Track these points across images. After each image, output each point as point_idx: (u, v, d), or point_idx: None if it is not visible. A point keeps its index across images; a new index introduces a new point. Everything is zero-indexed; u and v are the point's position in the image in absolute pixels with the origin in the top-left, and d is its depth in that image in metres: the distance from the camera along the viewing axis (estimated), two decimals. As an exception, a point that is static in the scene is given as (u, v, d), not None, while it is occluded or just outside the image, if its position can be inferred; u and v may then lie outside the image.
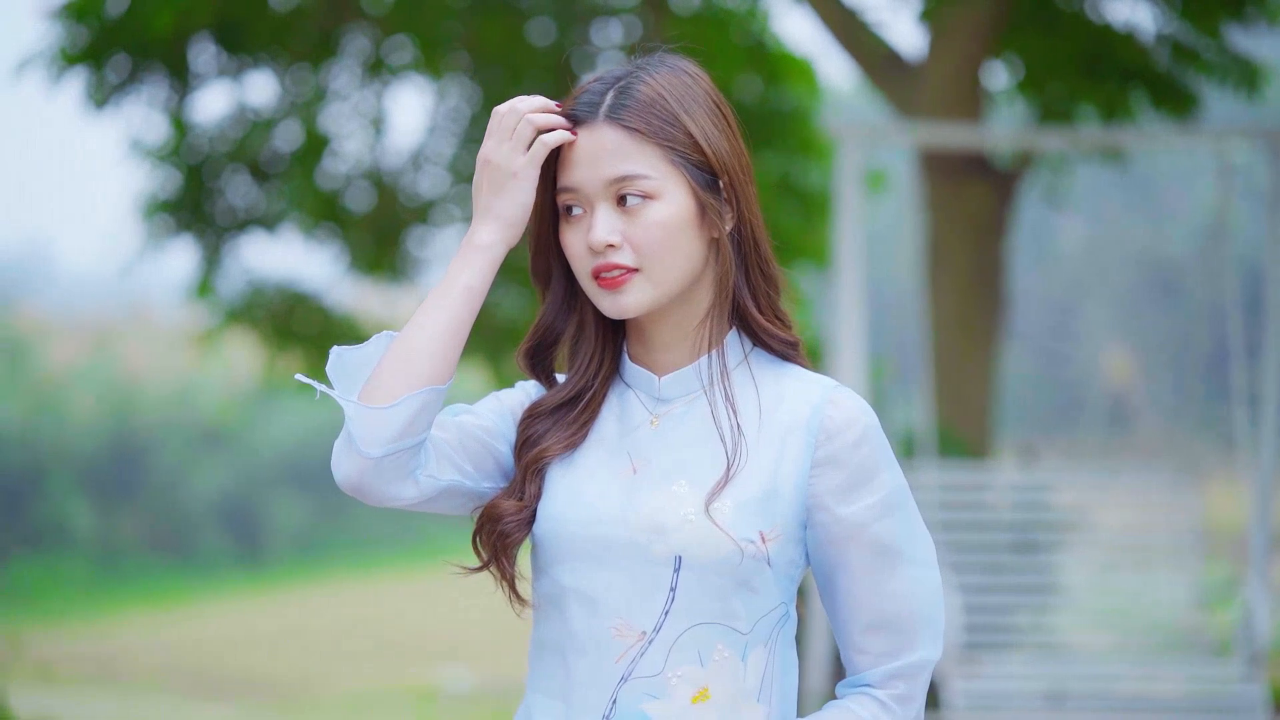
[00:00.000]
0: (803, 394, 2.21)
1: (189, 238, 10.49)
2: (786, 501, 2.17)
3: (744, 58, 9.92)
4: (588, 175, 2.19)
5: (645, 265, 2.18)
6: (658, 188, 2.18)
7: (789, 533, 2.18)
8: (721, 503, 2.16)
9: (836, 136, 7.00)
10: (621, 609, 2.18)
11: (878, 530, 2.18)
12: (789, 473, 2.18)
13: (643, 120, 2.18)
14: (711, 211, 2.19)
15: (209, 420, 24.59)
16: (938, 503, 6.90)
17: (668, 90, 2.21)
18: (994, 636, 6.86)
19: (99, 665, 16.90)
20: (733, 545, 2.14)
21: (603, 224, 2.18)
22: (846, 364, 6.80)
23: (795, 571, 2.20)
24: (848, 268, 6.86)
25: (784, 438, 2.19)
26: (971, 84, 7.85)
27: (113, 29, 9.39)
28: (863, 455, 2.18)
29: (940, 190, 8.00)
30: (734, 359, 2.24)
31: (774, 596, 2.18)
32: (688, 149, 2.18)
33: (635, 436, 2.24)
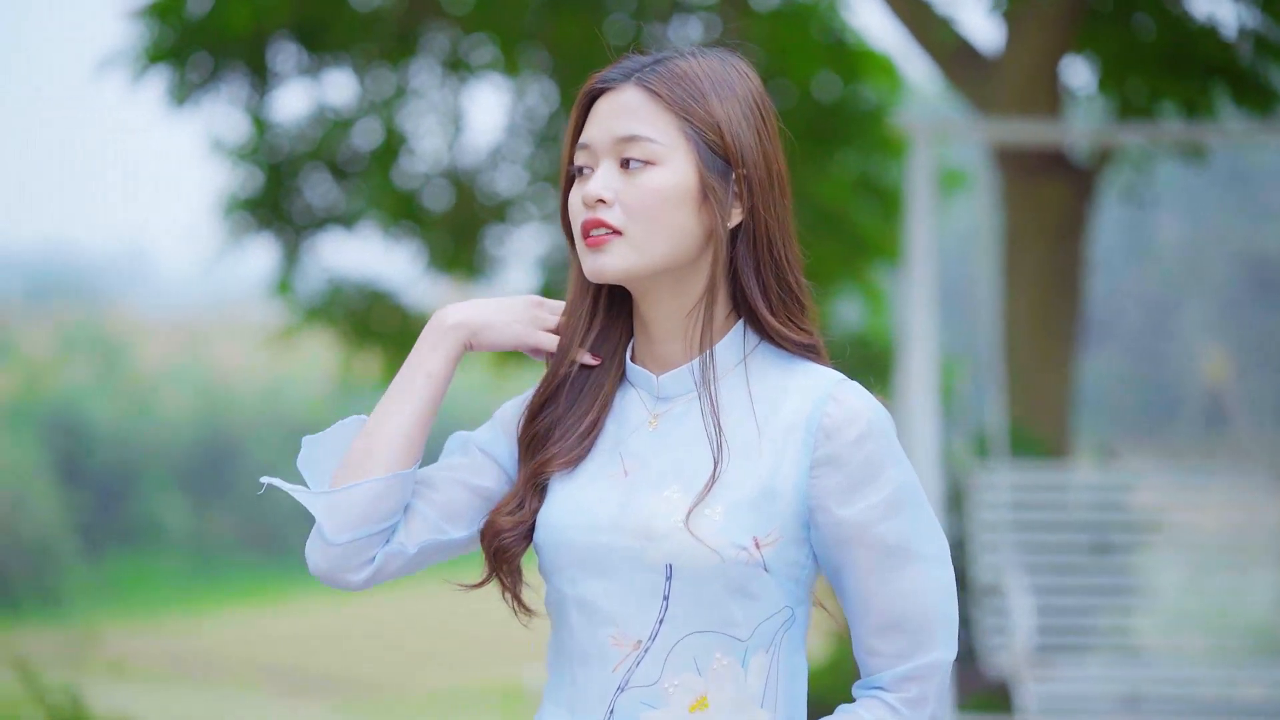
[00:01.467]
0: (806, 391, 2.14)
1: (269, 236, 10.57)
2: (786, 503, 2.11)
3: (824, 55, 9.86)
4: (600, 131, 2.16)
5: (629, 229, 2.13)
6: (662, 154, 2.13)
7: (790, 535, 2.12)
8: (711, 509, 2.10)
9: (909, 134, 6.96)
10: (618, 617, 2.14)
11: (881, 530, 2.11)
12: (788, 473, 2.11)
13: (666, 87, 2.14)
14: (713, 196, 2.13)
15: (299, 417, 24.77)
16: (1010, 503, 6.83)
17: (706, 72, 2.17)
18: (1069, 639, 6.76)
19: (186, 662, 17.05)
20: (716, 557, 2.08)
21: (600, 179, 2.14)
22: (917, 362, 6.76)
23: (801, 574, 2.14)
24: (919, 266, 6.82)
25: (785, 436, 2.12)
26: (1049, 80, 7.76)
27: (194, 28, 9.47)
28: (865, 454, 2.11)
29: (1017, 188, 7.91)
30: (733, 356, 2.18)
31: (776, 601, 2.12)
32: (705, 127, 2.13)
33: (633, 438, 2.20)
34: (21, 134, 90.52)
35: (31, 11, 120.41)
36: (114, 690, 9.92)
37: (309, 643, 18.05)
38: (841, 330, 11.15)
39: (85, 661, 8.85)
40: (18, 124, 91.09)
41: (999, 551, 6.74)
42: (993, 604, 6.65)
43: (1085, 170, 7.97)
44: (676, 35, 10.27)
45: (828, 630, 8.46)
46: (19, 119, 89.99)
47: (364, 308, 10.92)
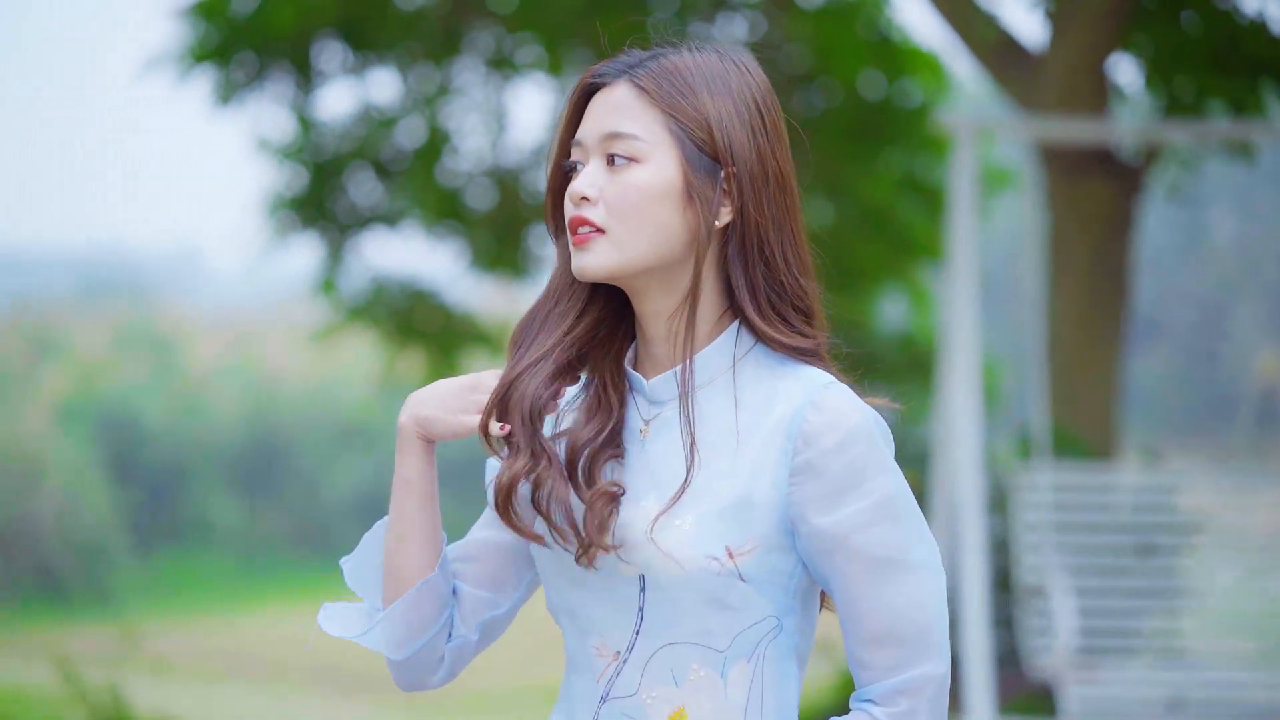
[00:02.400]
0: (791, 396, 2.09)
1: (313, 235, 10.58)
2: (765, 511, 2.06)
3: (868, 53, 9.81)
4: (590, 128, 2.13)
5: (612, 227, 2.09)
6: (645, 151, 2.09)
7: (770, 543, 2.06)
8: (681, 519, 2.06)
9: (951, 132, 6.92)
10: (599, 627, 2.12)
11: (864, 540, 2.05)
12: (768, 481, 2.06)
13: (655, 83, 2.10)
14: (696, 194, 2.09)
15: (348, 417, 24.84)
16: (1052, 504, 6.76)
17: (699, 68, 2.13)
18: (1113, 641, 6.69)
19: (232, 659, 17.11)
20: (680, 566, 2.05)
21: (585, 176, 2.11)
22: (959, 362, 6.71)
23: (789, 582, 2.09)
24: (962, 265, 6.78)
25: (766, 443, 2.08)
26: (1095, 77, 7.69)
27: (239, 27, 9.50)
28: (845, 461, 2.05)
29: (1062, 186, 7.85)
30: (723, 360, 2.13)
31: (758, 610, 2.07)
32: (692, 123, 2.09)
33: (629, 447, 2.15)
34: (72, 134, 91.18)
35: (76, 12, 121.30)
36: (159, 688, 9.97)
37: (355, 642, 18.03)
38: (888, 330, 11.08)
39: (132, 659, 8.89)
40: (69, 124, 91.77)
41: (1042, 553, 6.67)
42: (1036, 606, 6.58)
43: (1132, 168, 7.90)
44: (721, 33, 10.23)
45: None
46: (70, 119, 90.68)
47: (406, 307, 10.91)
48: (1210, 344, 29.42)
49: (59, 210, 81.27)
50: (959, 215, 6.82)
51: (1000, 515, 7.17)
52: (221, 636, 18.89)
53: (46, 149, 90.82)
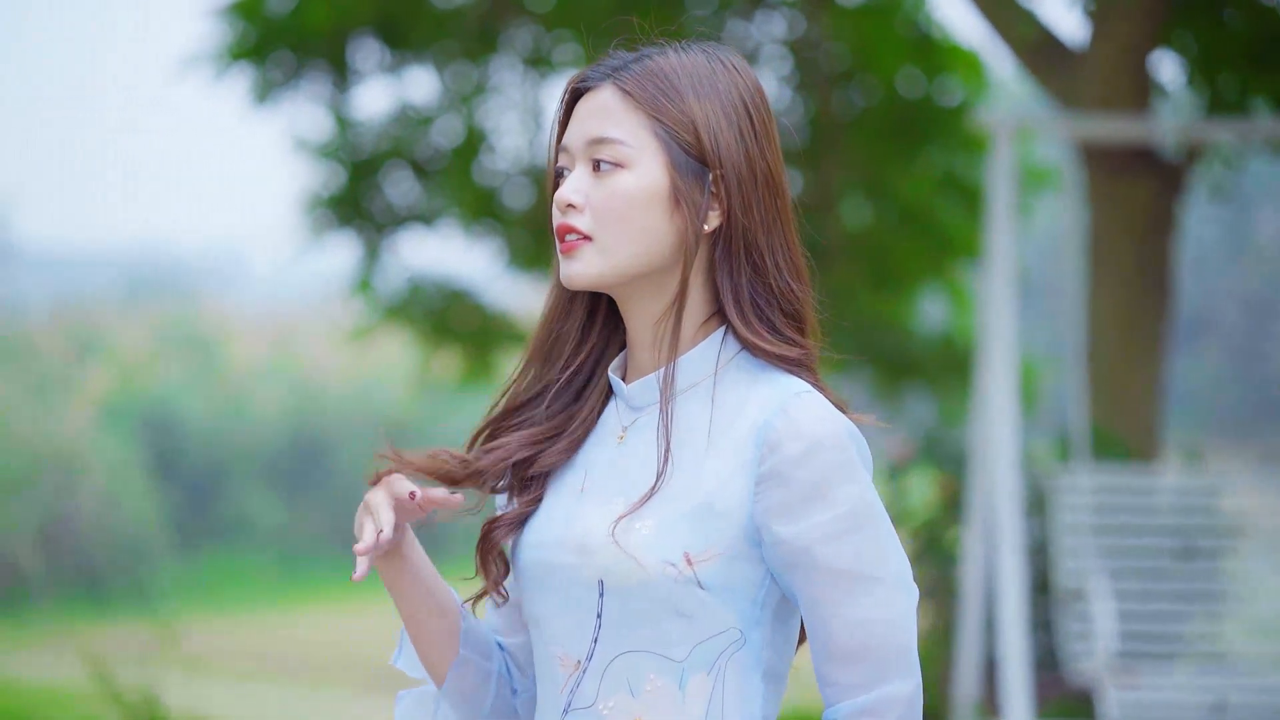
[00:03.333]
0: (763, 403, 2.04)
1: (350, 234, 10.57)
2: (727, 519, 2.01)
3: (907, 51, 9.74)
4: (576, 133, 2.09)
5: (598, 234, 2.05)
6: (631, 157, 2.05)
7: (733, 552, 2.01)
8: (643, 522, 2.02)
9: (990, 131, 6.89)
10: (562, 636, 2.07)
11: (828, 552, 1.99)
12: (734, 489, 2.02)
13: (640, 86, 2.07)
14: (683, 199, 2.05)
15: (389, 416, 24.85)
16: (1092, 506, 6.70)
17: (685, 69, 2.09)
18: (1154, 645, 6.63)
19: (271, 658, 17.14)
20: (639, 569, 2.00)
21: (571, 183, 2.07)
22: (997, 362, 6.67)
23: (755, 594, 2.03)
24: (1000, 264, 6.75)
25: (733, 450, 2.03)
26: (1137, 74, 7.60)
27: (276, 26, 9.50)
28: (810, 471, 1.99)
29: (1103, 184, 7.76)
30: (705, 366, 2.09)
31: (719, 620, 2.02)
32: (678, 126, 2.06)
33: (599, 451, 2.13)
34: (113, 133, 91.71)
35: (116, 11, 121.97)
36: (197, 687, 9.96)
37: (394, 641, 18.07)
38: (927, 330, 11.01)
39: (170, 658, 8.87)
40: (110, 123, 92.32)
41: (1081, 556, 6.61)
42: (1075, 609, 6.52)
43: (1174, 167, 7.81)
44: (760, 31, 10.18)
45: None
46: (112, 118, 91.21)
47: (442, 307, 10.89)
48: (1256, 344, 29.20)
49: (102, 210, 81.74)
50: (998, 215, 6.79)
51: (1039, 517, 7.11)
52: (261, 635, 18.93)
53: (88, 148, 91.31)
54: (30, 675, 15.87)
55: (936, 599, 7.86)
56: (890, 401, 10.70)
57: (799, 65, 10.14)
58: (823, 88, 10.06)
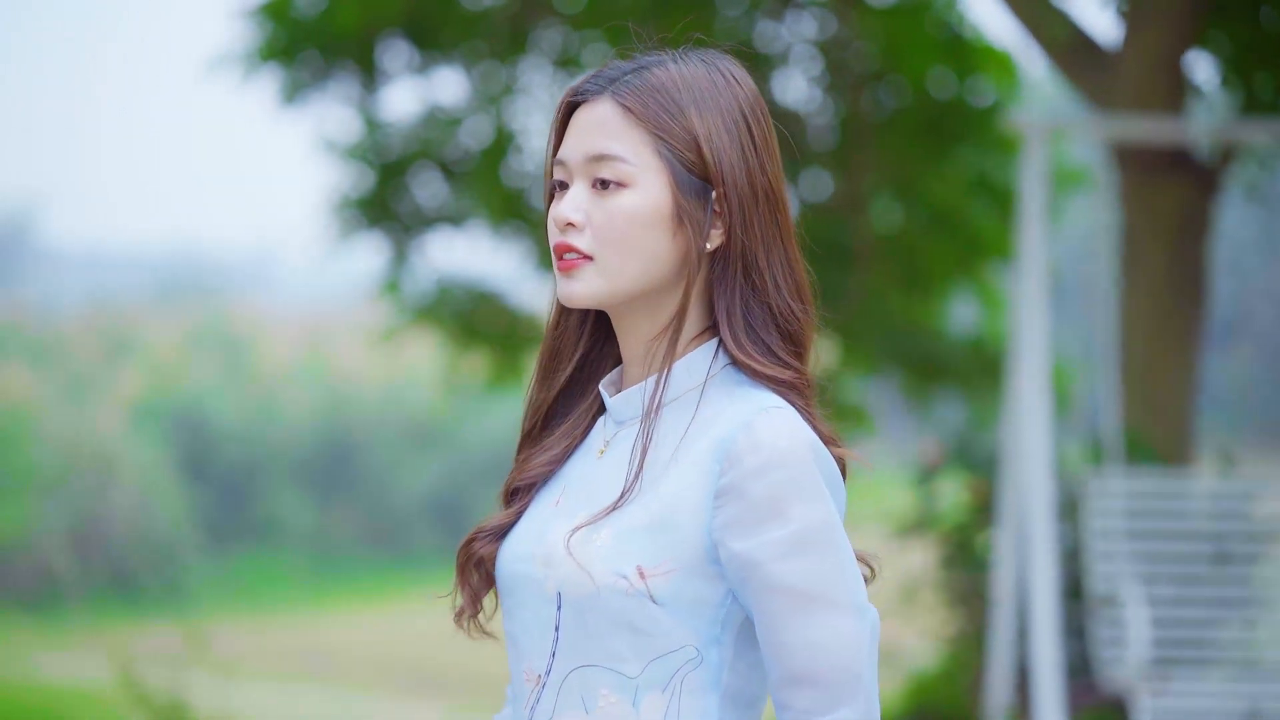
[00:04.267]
0: (732, 417, 1.99)
1: (378, 235, 10.54)
2: (684, 533, 1.96)
3: (938, 51, 9.68)
4: (573, 147, 2.04)
5: (599, 255, 2.01)
6: (634, 175, 2.01)
7: (691, 568, 1.96)
8: (599, 534, 1.97)
9: (1022, 132, 6.84)
10: (529, 651, 2.04)
11: (780, 571, 1.94)
12: (691, 503, 1.97)
13: (640, 101, 2.02)
14: (687, 219, 2.00)
15: (419, 417, 24.88)
16: (1125, 511, 6.64)
17: (686, 82, 2.04)
18: (1187, 652, 6.56)
19: (303, 660, 17.15)
20: (590, 581, 1.96)
21: (570, 200, 2.03)
22: (1029, 365, 6.63)
23: (715, 612, 1.98)
24: (1032, 266, 6.70)
25: (696, 463, 1.98)
26: (1171, 75, 7.53)
27: (304, 27, 9.48)
28: (766, 486, 1.94)
29: (1136, 186, 7.70)
30: (692, 378, 2.04)
31: (675, 637, 1.97)
32: (681, 144, 2.01)
33: (581, 465, 2.09)
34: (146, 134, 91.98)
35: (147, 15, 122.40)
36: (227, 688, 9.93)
37: (428, 642, 18.08)
38: (957, 333, 10.94)
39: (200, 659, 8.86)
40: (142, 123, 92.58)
41: (1114, 561, 6.55)
42: (1108, 615, 6.47)
43: (1208, 168, 7.74)
44: (790, 31, 10.12)
45: (938, 637, 8.31)
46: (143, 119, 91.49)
47: (470, 308, 10.86)
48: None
49: (134, 211, 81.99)
50: (1030, 216, 6.74)
51: (1071, 522, 7.05)
52: (293, 636, 18.96)
53: (121, 150, 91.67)
54: (61, 676, 15.92)
55: (967, 605, 7.81)
56: (920, 404, 10.64)
57: (829, 66, 10.09)
58: (853, 88, 10.00)
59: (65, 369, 25.07)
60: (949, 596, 7.92)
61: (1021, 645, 6.96)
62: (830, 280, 10.26)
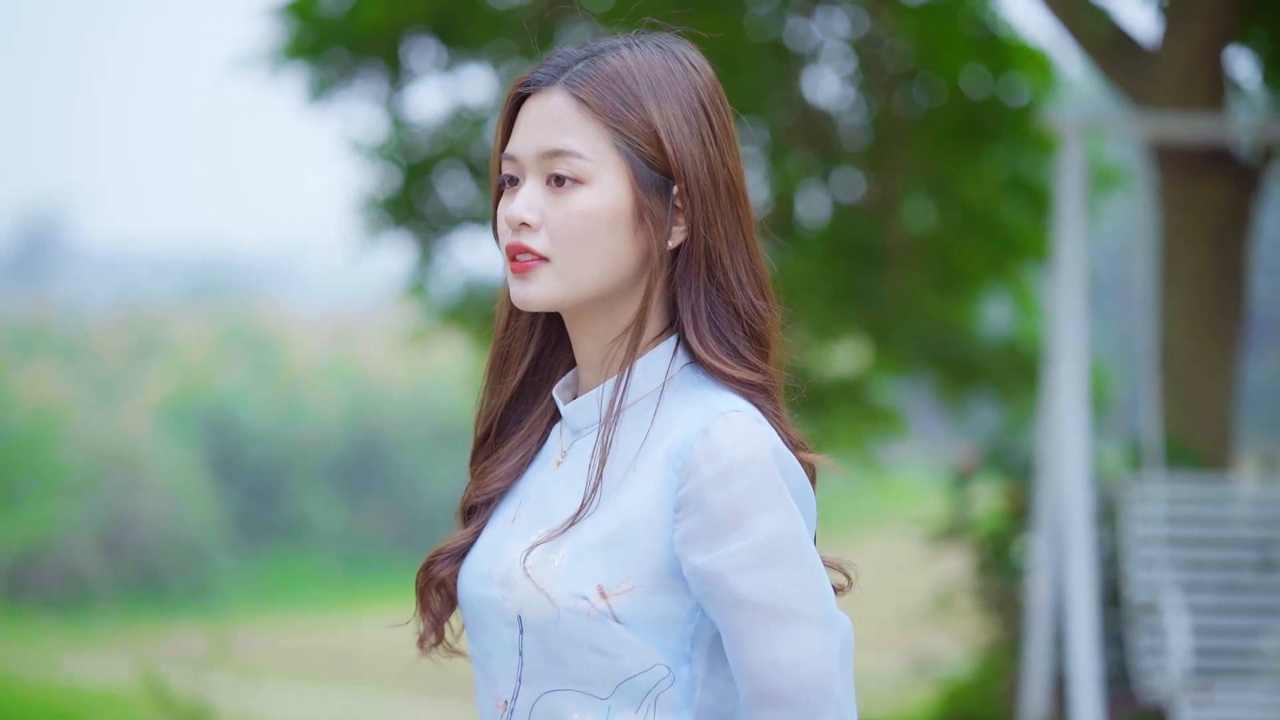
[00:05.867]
0: (691, 421, 1.88)
1: (405, 235, 10.47)
2: (645, 548, 1.86)
3: (973, 48, 9.57)
4: (525, 142, 1.93)
5: (556, 256, 1.91)
6: (590, 172, 1.90)
7: (654, 584, 1.86)
8: (557, 553, 1.87)
9: (1058, 130, 6.77)
10: (495, 676, 1.93)
11: (743, 584, 1.83)
12: (650, 515, 1.86)
13: (596, 93, 1.91)
14: (648, 215, 1.89)
15: (447, 418, 24.85)
16: (1165, 517, 6.53)
17: (642, 70, 1.93)
18: (1229, 661, 6.44)
19: (330, 660, 17.12)
20: (549, 604, 1.85)
21: (524, 199, 1.92)
22: (1066, 368, 6.54)
23: (682, 629, 1.87)
24: (1069, 268, 6.62)
25: (654, 473, 1.87)
26: (1211, 72, 7.42)
27: (331, 25, 9.43)
28: (726, 496, 1.83)
29: (1175, 185, 7.59)
30: (651, 380, 1.93)
31: (644, 658, 1.86)
32: (640, 138, 1.90)
33: (538, 477, 1.99)
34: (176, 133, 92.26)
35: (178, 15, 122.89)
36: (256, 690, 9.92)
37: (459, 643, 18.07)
38: (991, 335, 10.83)
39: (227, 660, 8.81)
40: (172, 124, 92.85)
41: (1154, 568, 6.45)
42: (1148, 624, 6.35)
43: (1249, 166, 7.63)
44: (822, 29, 10.02)
45: (973, 644, 8.22)
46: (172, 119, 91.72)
47: (495, 309, 10.76)
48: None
49: (163, 211, 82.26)
50: (1066, 216, 6.66)
51: (1109, 529, 6.94)
52: (321, 637, 18.94)
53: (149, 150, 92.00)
54: (88, 678, 15.91)
55: (1002, 612, 7.72)
56: (954, 407, 10.53)
57: (862, 64, 9.98)
58: (886, 87, 9.90)
59: (93, 369, 25.11)
60: (984, 603, 7.84)
61: (1058, 653, 6.86)
62: (863, 281, 10.19)
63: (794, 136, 9.84)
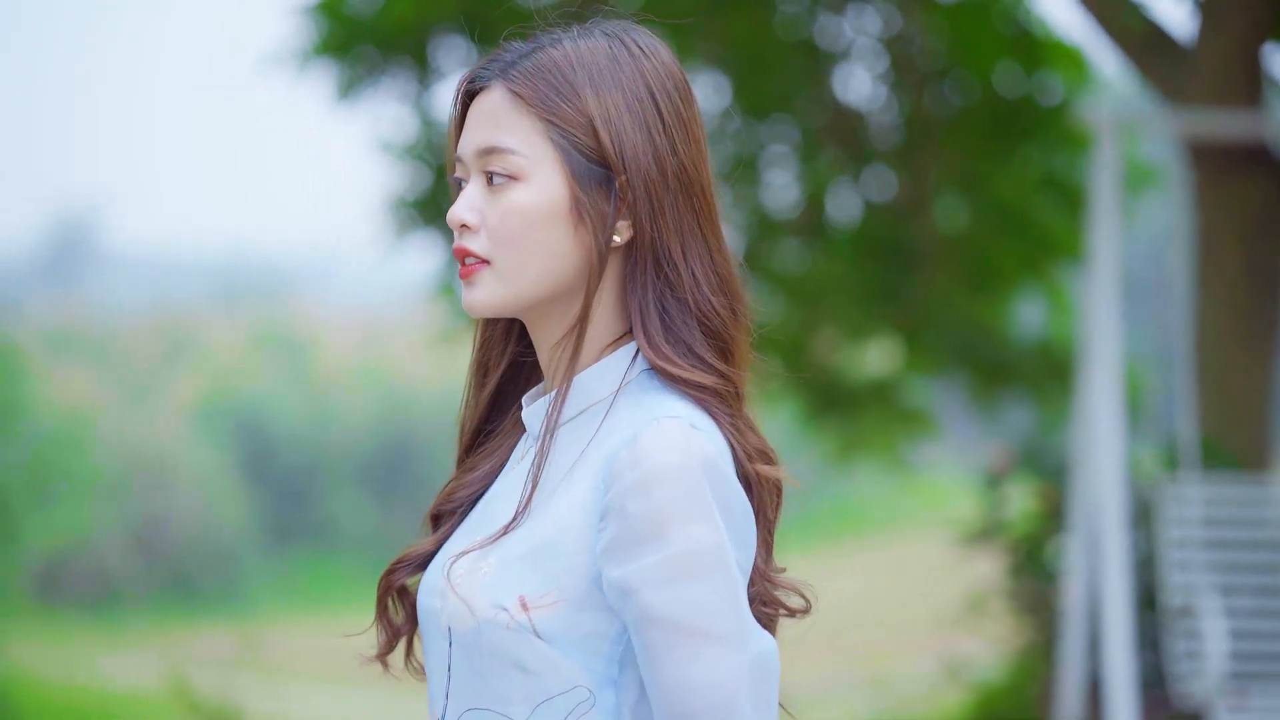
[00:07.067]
0: (628, 427, 1.79)
1: (434, 234, 10.43)
2: (571, 560, 1.76)
3: (1006, 46, 9.49)
4: (467, 141, 1.86)
5: (495, 258, 1.82)
6: (526, 167, 1.81)
7: (578, 598, 1.76)
8: (485, 562, 1.79)
9: (1092, 128, 6.71)
10: (433, 691, 1.86)
11: (656, 599, 1.72)
12: (579, 525, 1.77)
13: (530, 85, 1.83)
14: (586, 212, 1.80)
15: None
16: (1201, 519, 6.45)
17: (582, 59, 1.86)
18: (1267, 666, 6.37)
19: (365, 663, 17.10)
20: (470, 615, 1.77)
21: (464, 200, 1.84)
22: (1100, 368, 6.48)
23: (607, 647, 1.77)
24: (1103, 267, 6.56)
25: (585, 482, 1.78)
26: (1248, 68, 7.34)
27: (359, 24, 9.40)
28: (645, 505, 1.73)
29: (1212, 183, 7.51)
30: (602, 386, 1.84)
31: (565, 677, 1.76)
32: (576, 129, 1.81)
33: (496, 485, 1.91)
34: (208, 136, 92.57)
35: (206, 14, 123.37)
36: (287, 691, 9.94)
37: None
38: (1024, 335, 10.76)
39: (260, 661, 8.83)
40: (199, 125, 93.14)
41: (1190, 571, 6.37)
42: (1184, 627, 6.28)
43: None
44: (853, 27, 9.95)
45: (1006, 647, 8.15)
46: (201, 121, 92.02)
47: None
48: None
49: (194, 213, 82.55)
50: (1101, 214, 6.60)
51: (1144, 531, 6.86)
52: (351, 638, 18.94)
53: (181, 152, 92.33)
54: (120, 679, 15.92)
55: (1036, 615, 7.66)
56: (987, 408, 10.46)
57: (893, 62, 9.91)
58: (917, 85, 9.83)
59: (126, 372, 25.18)
60: (1017, 606, 7.77)
61: (1092, 657, 6.79)
62: (894, 281, 10.11)
63: (825, 135, 9.78)
